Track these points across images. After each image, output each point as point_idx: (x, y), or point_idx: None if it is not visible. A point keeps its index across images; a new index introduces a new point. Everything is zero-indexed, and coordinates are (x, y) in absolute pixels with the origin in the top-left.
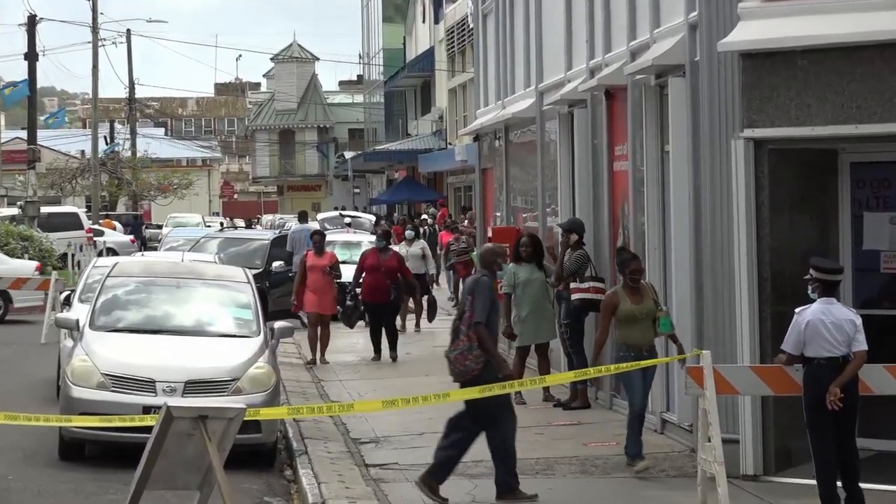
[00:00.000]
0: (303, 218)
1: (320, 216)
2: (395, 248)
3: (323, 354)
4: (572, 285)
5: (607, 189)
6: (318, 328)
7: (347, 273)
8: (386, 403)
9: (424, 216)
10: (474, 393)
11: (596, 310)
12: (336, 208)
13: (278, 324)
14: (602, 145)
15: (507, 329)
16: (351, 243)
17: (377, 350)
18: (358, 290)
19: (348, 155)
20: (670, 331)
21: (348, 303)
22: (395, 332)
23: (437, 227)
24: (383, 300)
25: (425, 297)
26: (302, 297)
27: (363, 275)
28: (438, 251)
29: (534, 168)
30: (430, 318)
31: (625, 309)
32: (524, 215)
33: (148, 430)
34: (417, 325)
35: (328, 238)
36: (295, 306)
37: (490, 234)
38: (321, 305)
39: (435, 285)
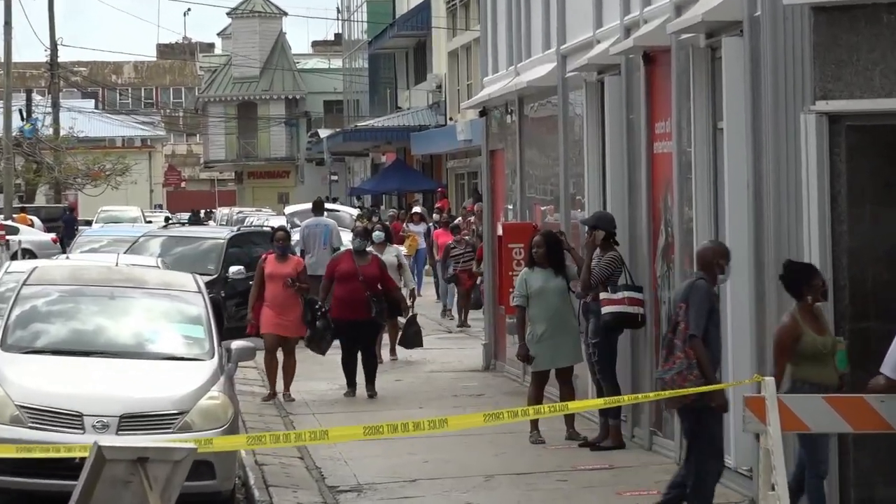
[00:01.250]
0: (318, 209)
1: (289, 209)
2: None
3: (287, 389)
4: (602, 295)
5: (646, 176)
6: (280, 355)
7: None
8: (368, 430)
9: (417, 209)
10: (477, 420)
11: (631, 325)
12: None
13: (236, 343)
14: (639, 121)
15: (522, 350)
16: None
17: (351, 382)
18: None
19: (324, 133)
20: (846, 368)
21: (318, 323)
22: (373, 361)
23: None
24: (360, 316)
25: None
26: (259, 313)
27: (333, 285)
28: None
29: (554, 150)
30: (409, 344)
31: (809, 341)
32: (543, 209)
33: (74, 474)
34: (393, 351)
35: (297, 237)
36: (250, 326)
37: (500, 231)
38: (283, 325)
39: (417, 297)
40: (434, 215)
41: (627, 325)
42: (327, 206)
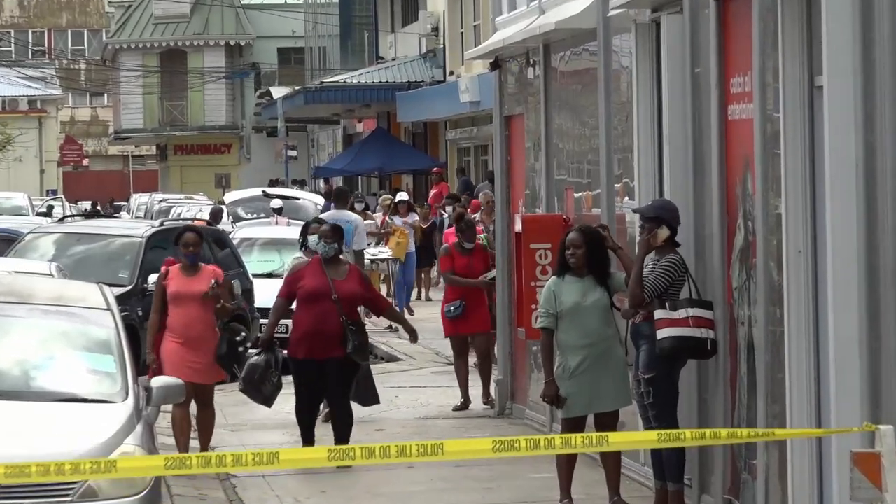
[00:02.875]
0: (341, 199)
1: (231, 197)
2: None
3: (205, 448)
4: (658, 314)
5: (717, 152)
6: (193, 407)
7: (268, 300)
8: (334, 453)
9: (402, 195)
10: (483, 446)
11: (697, 354)
12: (271, 184)
13: (159, 380)
14: (709, 76)
15: (549, 389)
16: (282, 244)
17: (308, 438)
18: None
19: (278, 93)
20: None
21: (254, 359)
22: (346, 417)
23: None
24: (332, 355)
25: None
26: (159, 348)
27: (293, 307)
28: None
29: (593, 115)
30: (363, 399)
31: None
32: (577, 195)
33: None
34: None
35: (241, 235)
36: (151, 370)
37: (518, 226)
38: (196, 367)
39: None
40: (445, 208)
41: (692, 354)
42: (278, 191)
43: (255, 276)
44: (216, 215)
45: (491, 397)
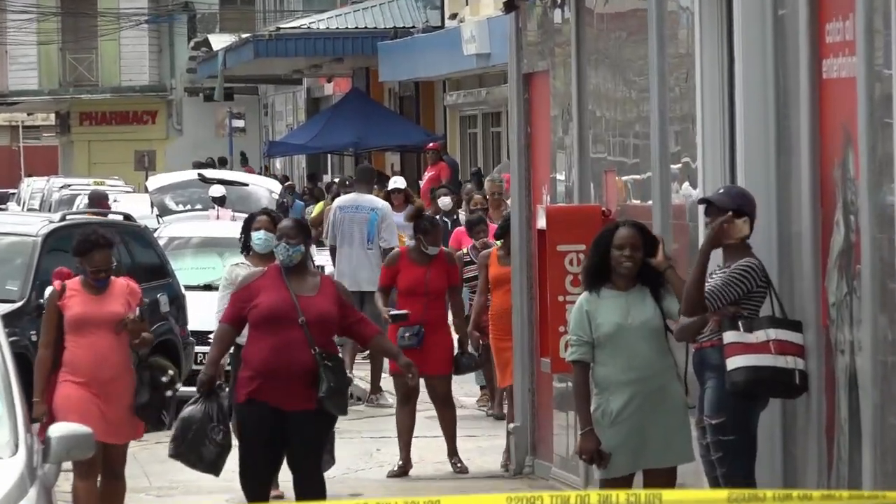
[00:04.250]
0: (363, 180)
1: (155, 182)
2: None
3: None
4: (728, 336)
5: (808, 121)
6: (100, 476)
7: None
8: None
9: (397, 183)
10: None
11: (782, 390)
12: (205, 165)
13: (60, 428)
14: (797, 21)
15: (588, 444)
16: (224, 244)
17: None
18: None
19: (219, 43)
20: None
21: (188, 409)
22: (318, 490)
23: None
24: (301, 406)
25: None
26: (52, 396)
27: (242, 336)
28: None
29: (642, 73)
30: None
31: None
32: (622, 180)
33: None
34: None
35: (170, 232)
36: (41, 426)
37: (542, 222)
38: (106, 421)
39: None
40: (440, 199)
41: (775, 391)
42: (226, 175)
43: (189, 288)
44: (98, 201)
45: (457, 457)
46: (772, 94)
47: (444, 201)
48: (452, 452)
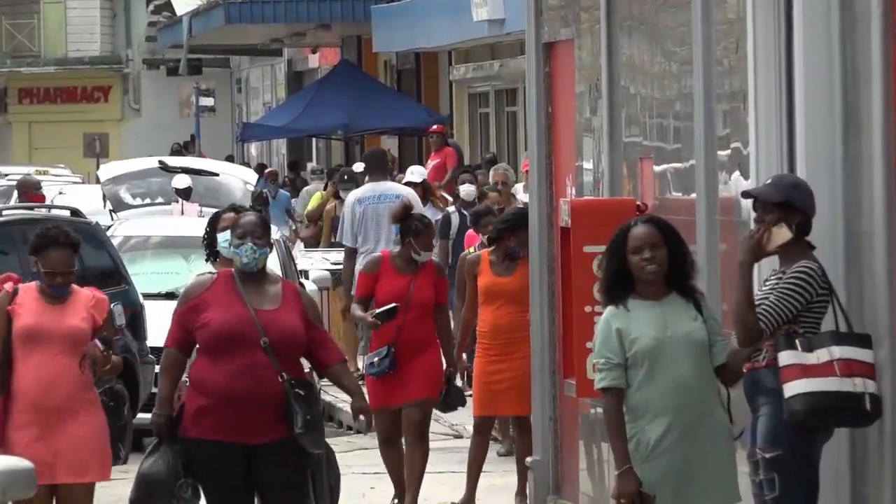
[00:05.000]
0: (377, 166)
1: (108, 171)
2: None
3: None
4: (784, 357)
5: (881, 98)
6: None
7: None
8: None
9: (416, 172)
10: None
11: (850, 419)
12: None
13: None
14: None
15: (628, 485)
16: (190, 245)
17: None
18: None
19: (183, 6)
20: None
21: (148, 464)
22: None
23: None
24: (263, 437)
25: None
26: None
27: (196, 359)
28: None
29: (683, 41)
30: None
31: None
32: (660, 170)
33: None
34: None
35: (125, 231)
36: None
37: (565, 218)
38: (56, 458)
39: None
40: (462, 187)
41: (841, 419)
42: (184, 163)
43: (148, 296)
44: (27, 190)
45: None
46: (837, 67)
47: (468, 190)
48: (407, 499)
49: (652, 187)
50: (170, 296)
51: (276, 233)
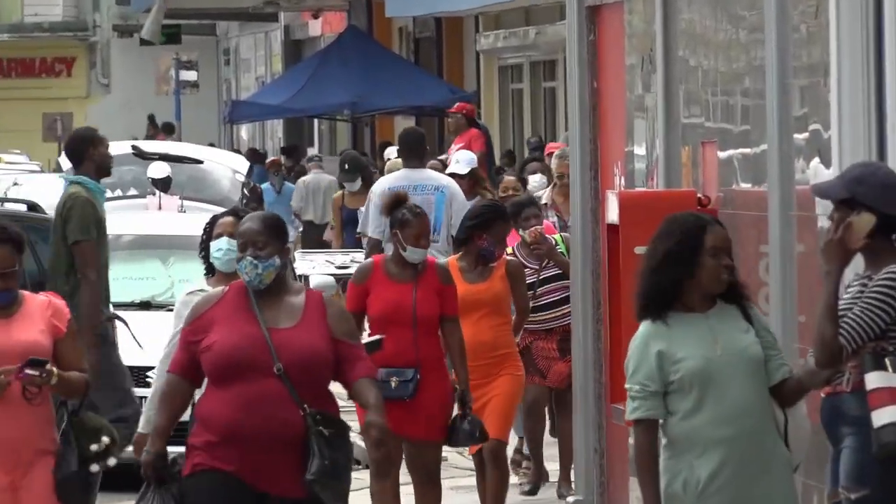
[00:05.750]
0: (414, 151)
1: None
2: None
3: None
4: (872, 379)
5: None
6: None
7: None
8: None
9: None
10: None
11: None
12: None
13: None
14: None
15: None
16: (169, 245)
17: None
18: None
19: None
20: None
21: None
22: None
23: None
24: (283, 491)
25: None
26: None
27: (203, 391)
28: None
29: (753, 5)
30: None
31: None
32: (725, 156)
33: None
34: None
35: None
36: None
37: (613, 213)
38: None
39: None
40: (532, 177)
41: None
42: (161, 148)
43: (119, 306)
44: None
45: None
46: None
47: (538, 180)
48: None
49: (715, 177)
50: (145, 305)
51: None
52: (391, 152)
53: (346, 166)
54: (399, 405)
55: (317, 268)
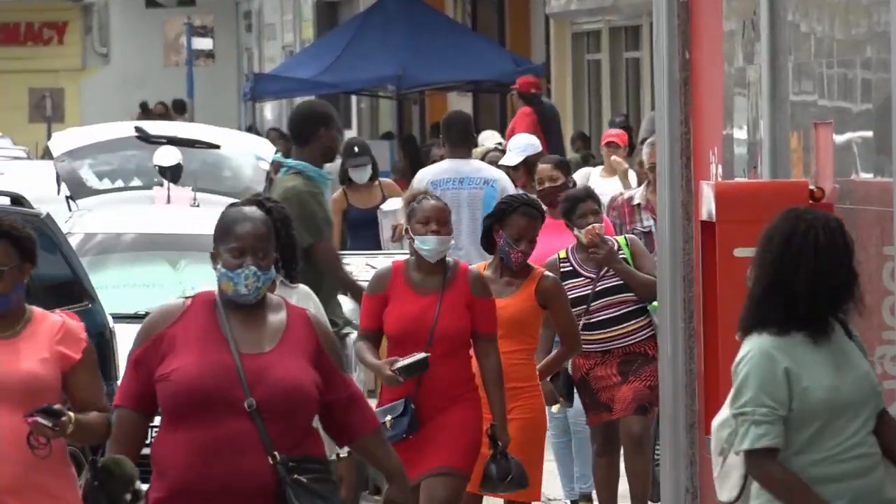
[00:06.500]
0: (460, 137)
1: (62, 141)
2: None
3: None
4: None
5: None
6: None
7: None
8: None
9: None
10: None
11: None
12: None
13: None
14: None
15: None
16: (180, 246)
17: None
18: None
19: None
20: None
21: None
22: None
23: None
24: None
25: None
26: None
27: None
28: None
29: None
30: None
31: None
32: (842, 140)
33: None
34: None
35: (87, 226)
36: None
37: (709, 208)
38: None
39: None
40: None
41: None
42: (169, 129)
43: (119, 317)
44: None
45: None
46: None
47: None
48: None
49: (830, 165)
50: (131, 318)
51: None
52: (488, 136)
53: (355, 149)
54: (404, 446)
55: (355, 273)
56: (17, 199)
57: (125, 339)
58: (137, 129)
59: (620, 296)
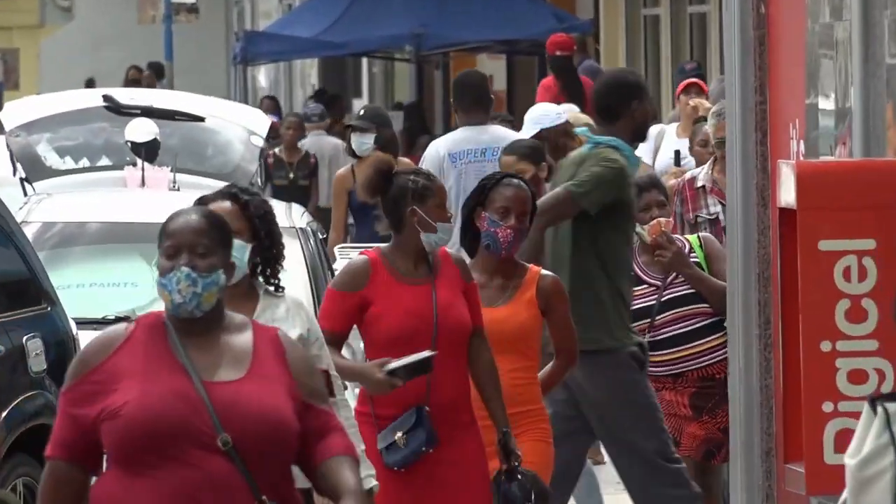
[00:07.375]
0: (477, 104)
1: (16, 113)
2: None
3: None
4: None
5: None
6: None
7: None
8: None
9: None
10: None
11: None
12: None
13: None
14: None
15: None
16: (150, 235)
17: None
18: None
19: None
20: None
21: None
22: None
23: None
24: None
25: None
26: None
27: (104, 473)
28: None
29: None
30: None
31: None
32: None
33: None
34: None
35: (43, 215)
36: None
37: (788, 193)
38: None
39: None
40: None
41: None
42: (144, 98)
43: (83, 323)
44: None
45: None
46: None
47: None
48: None
49: None
50: (122, 321)
51: (303, 218)
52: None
53: (362, 111)
54: (419, 474)
55: None
56: None
57: None
58: (106, 97)
59: (692, 307)
